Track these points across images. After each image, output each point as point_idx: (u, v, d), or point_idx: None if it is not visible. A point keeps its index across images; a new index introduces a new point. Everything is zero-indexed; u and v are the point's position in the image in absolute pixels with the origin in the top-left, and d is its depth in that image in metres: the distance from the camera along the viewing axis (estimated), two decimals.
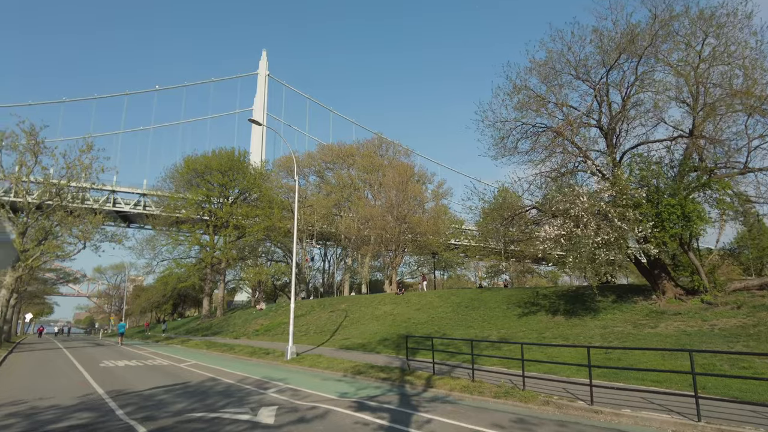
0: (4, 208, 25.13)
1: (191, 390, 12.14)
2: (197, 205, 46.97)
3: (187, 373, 16.43)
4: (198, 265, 46.88)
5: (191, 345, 32.01)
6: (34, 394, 11.28)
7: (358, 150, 64.05)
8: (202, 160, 48.40)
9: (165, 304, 71.54)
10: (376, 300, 36.09)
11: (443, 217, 48.10)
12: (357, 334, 27.50)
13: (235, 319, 46.22)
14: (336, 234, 61.44)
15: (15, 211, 26.65)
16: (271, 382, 13.63)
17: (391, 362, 17.35)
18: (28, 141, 25.12)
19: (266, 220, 46.41)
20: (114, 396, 11.02)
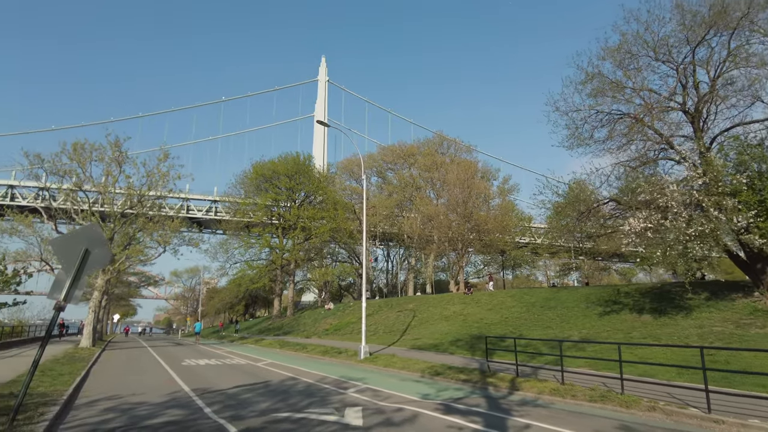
0: (94, 216, 26.87)
1: (272, 389, 12.20)
2: (266, 208, 48.37)
3: (265, 372, 16.67)
4: (268, 267, 48.25)
5: (265, 344, 32.83)
6: (127, 390, 11.72)
7: (419, 149, 63.56)
8: (269, 166, 49.83)
9: (237, 305, 74.37)
10: (444, 300, 35.47)
11: (510, 214, 46.58)
12: (427, 335, 27.07)
13: (305, 318, 47.11)
14: (399, 234, 61.29)
15: (103, 219, 28.41)
16: (350, 382, 13.48)
17: (468, 363, 16.78)
18: (113, 152, 26.72)
19: (331, 221, 47.01)
20: (200, 394, 11.23)
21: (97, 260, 7.97)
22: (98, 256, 7.94)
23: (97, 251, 7.91)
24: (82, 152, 25.51)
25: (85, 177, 25.85)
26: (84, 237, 7.90)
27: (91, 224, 8.74)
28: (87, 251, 7.79)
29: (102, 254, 7.99)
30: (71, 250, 7.78)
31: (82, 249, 7.76)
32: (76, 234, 8.01)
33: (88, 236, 7.92)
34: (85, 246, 7.80)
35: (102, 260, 8.04)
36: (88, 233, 7.98)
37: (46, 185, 26.43)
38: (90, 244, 7.85)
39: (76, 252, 7.76)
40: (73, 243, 7.83)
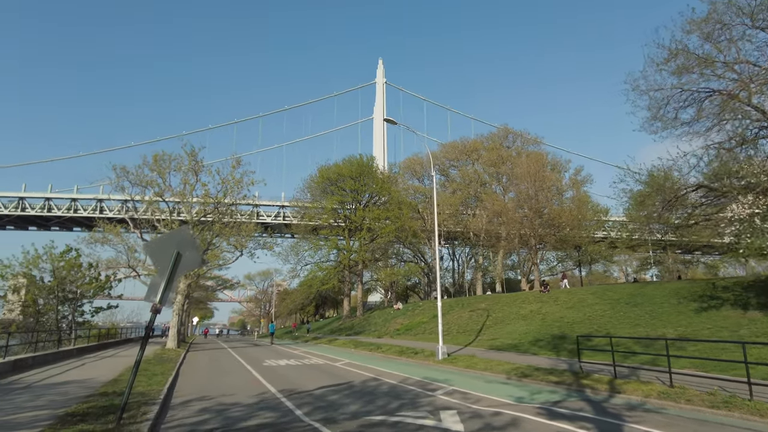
0: (174, 224, 28.18)
1: (357, 390, 11.99)
2: (333, 211, 49.00)
3: (345, 372, 16.58)
4: (336, 268, 48.81)
5: (338, 344, 33.08)
6: (217, 390, 11.92)
7: (482, 144, 62.14)
8: (334, 169, 50.43)
9: (308, 305, 76.09)
10: (519, 299, 34.20)
11: (585, 207, 44.30)
12: (504, 335, 26.12)
13: (375, 318, 47.19)
14: (464, 233, 60.18)
15: None
16: (434, 384, 13.04)
17: (555, 364, 15.85)
18: (190, 162, 27.87)
19: (396, 221, 46.82)
20: (287, 395, 11.20)
21: (189, 263, 8.04)
22: (189, 258, 8.00)
23: (188, 254, 7.97)
24: (162, 163, 26.79)
25: (166, 186, 27.14)
26: (176, 240, 7.99)
27: (182, 227, 8.86)
28: (179, 254, 7.87)
29: (193, 257, 8.05)
30: (164, 253, 7.88)
31: (174, 252, 7.85)
32: (168, 238, 8.12)
33: (179, 239, 8.00)
34: (177, 249, 7.88)
35: (193, 263, 8.11)
36: (180, 237, 8.07)
37: (131, 196, 27.92)
38: (181, 247, 7.92)
39: (168, 255, 7.85)
40: (166, 246, 7.94)
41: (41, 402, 9.13)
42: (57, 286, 24.88)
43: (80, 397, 9.75)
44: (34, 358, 16.38)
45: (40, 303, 24.88)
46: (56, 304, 25.27)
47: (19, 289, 26.20)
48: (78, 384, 11.80)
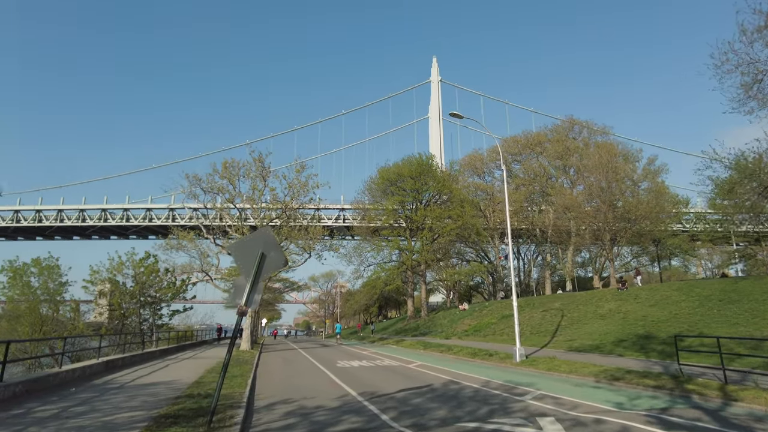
0: (245, 228, 28.97)
1: (440, 394, 11.52)
2: (393, 211, 48.82)
3: (421, 374, 16.16)
4: (399, 268, 48.54)
5: (406, 345, 32.72)
6: (297, 393, 11.83)
7: (546, 136, 59.84)
8: (394, 169, 50.24)
9: (372, 306, 76.45)
10: (595, 297, 32.42)
11: (663, 198, 41.46)
12: (583, 335, 24.74)
13: (440, 319, 46.50)
14: (530, 229, 58.23)
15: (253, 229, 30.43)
16: (519, 387, 12.33)
17: (648, 367, 14.66)
18: (258, 168, 28.51)
19: (458, 219, 45.90)
20: (368, 398, 10.91)
21: (273, 264, 7.90)
22: (273, 259, 7.86)
23: (272, 255, 7.84)
24: (232, 170, 27.59)
25: (236, 192, 27.92)
26: (259, 241, 7.87)
27: (265, 228, 8.78)
28: (263, 255, 7.74)
29: (277, 257, 7.91)
30: (248, 254, 7.78)
31: (258, 253, 7.73)
32: (252, 239, 8.02)
33: (263, 240, 7.88)
34: (262, 250, 7.76)
35: (277, 263, 7.97)
36: (263, 237, 7.95)
37: (204, 204, 28.96)
38: (266, 248, 7.80)
39: (253, 256, 7.74)
40: (250, 247, 7.83)
41: (135, 403, 9.34)
42: (139, 290, 26.18)
43: (169, 399, 9.91)
44: (123, 359, 17.15)
45: (125, 307, 26.24)
46: (138, 308, 26.57)
47: (105, 294, 27.83)
48: (165, 385, 12.10)
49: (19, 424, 7.49)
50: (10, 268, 20.40)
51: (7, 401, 9.36)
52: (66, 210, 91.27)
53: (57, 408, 8.76)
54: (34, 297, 20.27)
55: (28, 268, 20.74)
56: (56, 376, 11.85)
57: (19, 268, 20.52)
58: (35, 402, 9.42)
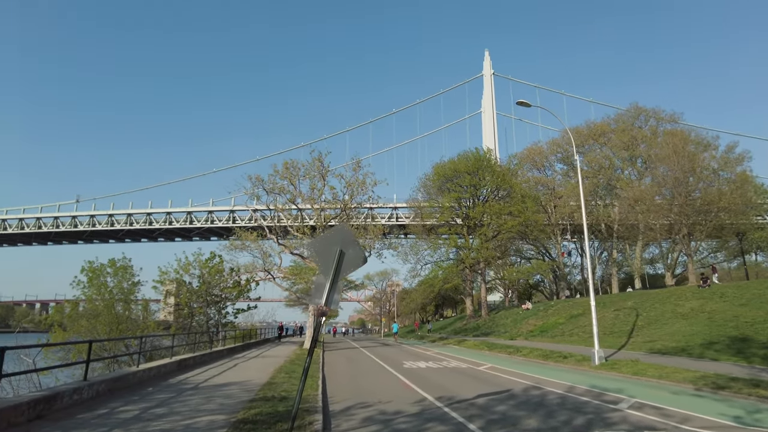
0: (306, 228, 29.12)
1: (523, 401, 10.74)
2: (450, 208, 47.86)
3: (495, 377, 15.37)
4: (458, 267, 47.49)
5: (469, 346, 31.79)
6: (371, 396, 11.40)
7: (609, 126, 56.96)
8: (449, 165, 49.31)
9: (429, 305, 75.71)
10: (673, 295, 30.23)
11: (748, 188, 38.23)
12: (664, 336, 22.98)
13: (502, 319, 45.12)
14: (594, 224, 55.62)
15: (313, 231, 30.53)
16: (609, 394, 11.33)
17: (755, 374, 13.24)
18: (317, 167, 28.51)
19: (520, 215, 44.28)
20: (448, 404, 10.30)
21: (352, 261, 7.43)
22: (352, 257, 7.40)
23: (351, 252, 7.37)
24: (292, 170, 27.74)
25: (297, 192, 28.06)
26: (337, 238, 7.43)
27: (342, 225, 8.38)
28: (342, 252, 7.30)
29: (355, 255, 7.44)
30: (326, 252, 7.37)
31: (336, 251, 7.30)
32: (329, 236, 7.60)
33: (341, 237, 7.44)
34: (340, 247, 7.32)
35: (356, 261, 7.49)
36: (341, 234, 7.51)
37: (267, 205, 29.30)
38: (344, 245, 7.35)
39: (331, 254, 7.32)
40: (329, 244, 7.41)
41: (212, 406, 9.18)
42: (205, 290, 26.78)
43: (244, 401, 9.71)
44: (194, 358, 17.40)
45: (192, 306, 26.91)
46: (205, 307, 27.18)
47: (173, 294, 28.73)
48: (238, 386, 11.99)
49: (105, 425, 7.43)
50: (89, 269, 21.33)
51: (91, 400, 9.46)
52: (134, 214, 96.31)
53: (138, 409, 8.73)
54: (110, 296, 21.05)
55: (104, 269, 21.58)
56: (134, 375, 12.00)
57: (97, 269, 21.41)
58: (117, 401, 9.46)
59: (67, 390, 8.89)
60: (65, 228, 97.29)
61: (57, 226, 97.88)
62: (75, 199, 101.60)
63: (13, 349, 8.47)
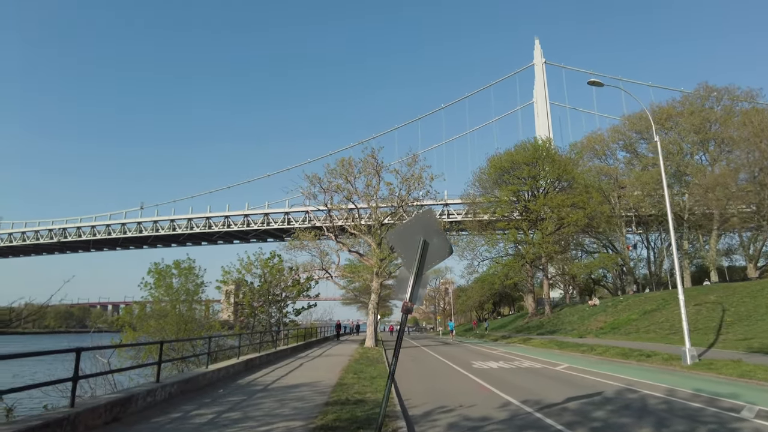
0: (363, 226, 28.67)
1: (622, 405, 9.62)
2: (508, 202, 46.18)
3: (578, 378, 14.18)
4: (519, 263, 45.70)
5: (536, 344, 30.30)
6: (450, 399, 10.61)
7: (675, 109, 53.28)
8: (506, 157, 47.61)
9: (486, 303, 73.84)
10: (766, 288, 27.55)
11: None
12: (761, 333, 20.86)
13: (567, 316, 43.09)
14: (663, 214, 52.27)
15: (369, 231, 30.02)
16: (723, 400, 9.97)
17: None
18: (371, 164, 27.98)
19: (585, 207, 42.00)
20: (537, 409, 9.35)
21: (437, 252, 6.64)
22: (437, 247, 6.62)
23: (435, 242, 6.60)
24: (348, 167, 27.34)
25: (353, 190, 27.66)
26: (419, 226, 6.68)
27: (426, 210, 7.62)
28: (426, 242, 6.55)
29: (440, 245, 6.65)
30: (408, 243, 6.63)
31: (420, 240, 6.55)
32: (411, 224, 6.85)
33: (423, 225, 6.68)
34: (423, 236, 6.56)
35: (441, 252, 6.69)
36: (423, 221, 6.75)
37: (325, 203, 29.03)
38: (427, 234, 6.59)
39: (414, 245, 6.58)
40: (410, 234, 6.67)
41: (287, 410, 8.68)
42: (267, 289, 26.84)
43: (319, 405, 9.16)
44: (260, 357, 17.20)
45: (254, 305, 27.03)
46: (267, 307, 27.24)
47: (235, 294, 29.04)
48: (309, 388, 11.51)
49: (179, 430, 7.04)
50: (155, 270, 21.71)
51: (164, 403, 9.21)
52: (194, 218, 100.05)
53: (212, 413, 8.34)
54: (176, 297, 21.32)
55: (169, 270, 21.89)
56: (204, 377, 11.77)
57: (162, 270, 21.75)
58: (190, 404, 9.16)
59: (141, 392, 8.64)
60: (131, 234, 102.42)
61: (124, 232, 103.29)
62: (139, 206, 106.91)
63: (89, 350, 8.29)
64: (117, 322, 22.36)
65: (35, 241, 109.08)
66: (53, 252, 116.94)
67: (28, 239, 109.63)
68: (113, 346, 13.15)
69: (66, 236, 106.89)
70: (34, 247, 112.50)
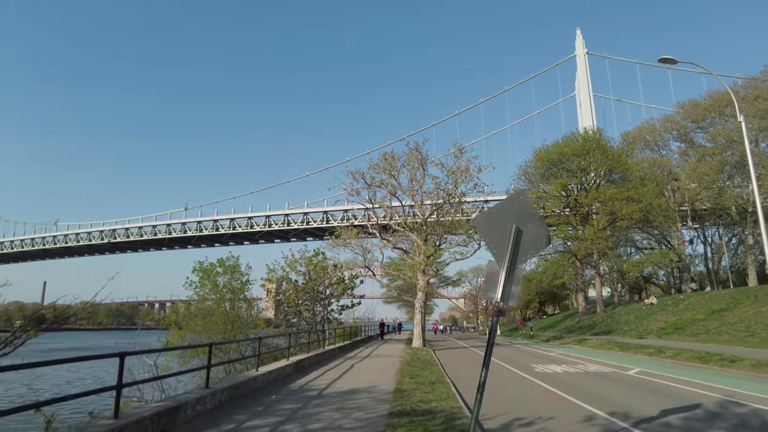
0: (407, 224, 27.67)
1: (735, 422, 8.24)
2: (558, 196, 44.16)
3: (658, 385, 12.71)
4: (569, 260, 43.59)
5: (593, 345, 28.50)
6: (523, 409, 9.48)
7: (738, 93, 49.67)
8: (554, 149, 45.58)
9: (532, 301, 71.48)
10: None
11: None
12: None
13: (621, 315, 40.76)
14: (723, 208, 49.08)
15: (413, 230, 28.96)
16: None
17: None
18: (415, 157, 26.91)
19: (641, 199, 39.50)
20: (632, 424, 8.12)
21: (533, 242, 5.55)
22: (533, 235, 5.52)
23: (530, 228, 5.53)
24: (391, 161, 26.38)
25: (397, 184, 26.71)
26: (511, 211, 5.61)
27: (520, 191, 6.55)
28: (519, 230, 5.48)
29: (537, 233, 5.56)
30: (499, 230, 5.58)
31: (512, 228, 5.49)
32: (501, 208, 5.77)
33: (516, 209, 5.61)
34: (515, 223, 5.50)
35: (538, 241, 5.59)
36: (516, 205, 5.67)
37: (369, 200, 28.14)
38: (520, 220, 5.52)
39: (504, 233, 5.53)
40: (500, 220, 5.62)
41: (349, 421, 7.76)
42: (312, 287, 26.25)
43: (383, 416, 8.21)
44: (309, 358, 16.46)
45: (299, 303, 26.50)
46: (312, 305, 26.64)
47: (282, 291, 28.60)
48: (366, 394, 10.61)
49: None
50: (200, 269, 21.37)
51: (215, 411, 8.48)
52: (236, 219, 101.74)
53: (267, 425, 7.50)
54: (221, 295, 20.90)
55: (214, 269, 21.51)
56: (255, 380, 11.04)
57: (207, 269, 21.39)
58: (242, 412, 8.39)
59: (190, 400, 7.92)
60: (176, 234, 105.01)
61: (169, 233, 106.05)
62: (184, 207, 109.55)
63: (134, 355, 7.64)
64: (163, 320, 22.09)
65: (88, 242, 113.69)
66: (104, 252, 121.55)
67: (82, 240, 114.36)
68: (160, 349, 12.66)
69: (115, 237, 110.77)
70: (87, 248, 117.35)
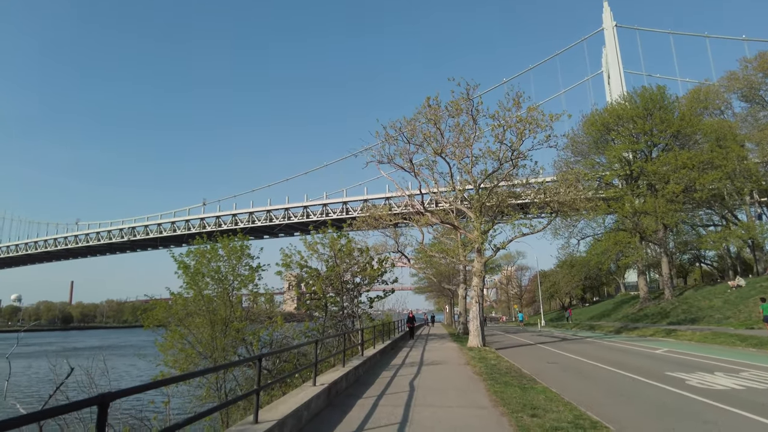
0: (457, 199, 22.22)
1: None
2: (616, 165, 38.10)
3: None
4: (634, 237, 37.44)
5: (698, 339, 22.43)
6: None
7: None
8: (607, 114, 39.44)
9: (574, 289, 64.97)
10: None
11: None
12: None
13: (698, 300, 34.66)
14: None
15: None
16: None
17: None
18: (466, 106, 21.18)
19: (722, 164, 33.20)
20: None
21: None
22: None
23: None
24: (436, 109, 20.82)
25: (443, 141, 21.16)
26: None
27: None
28: None
29: None
30: None
31: None
32: None
33: None
34: None
35: None
36: None
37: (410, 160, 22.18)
38: None
39: None
40: None
41: None
42: (336, 277, 21.06)
43: None
44: (346, 376, 10.88)
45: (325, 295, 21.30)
46: (340, 297, 21.45)
47: (303, 280, 23.48)
48: None
49: None
50: (196, 251, 16.30)
51: None
52: (255, 212, 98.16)
53: None
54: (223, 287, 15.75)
55: (215, 250, 16.35)
56: None
57: (206, 251, 16.21)
58: None
59: None
60: (195, 230, 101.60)
61: (188, 229, 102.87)
62: (202, 202, 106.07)
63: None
64: (147, 318, 16.53)
65: (108, 241, 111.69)
66: (125, 250, 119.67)
67: (102, 239, 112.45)
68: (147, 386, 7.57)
69: (135, 234, 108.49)
70: (107, 246, 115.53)
